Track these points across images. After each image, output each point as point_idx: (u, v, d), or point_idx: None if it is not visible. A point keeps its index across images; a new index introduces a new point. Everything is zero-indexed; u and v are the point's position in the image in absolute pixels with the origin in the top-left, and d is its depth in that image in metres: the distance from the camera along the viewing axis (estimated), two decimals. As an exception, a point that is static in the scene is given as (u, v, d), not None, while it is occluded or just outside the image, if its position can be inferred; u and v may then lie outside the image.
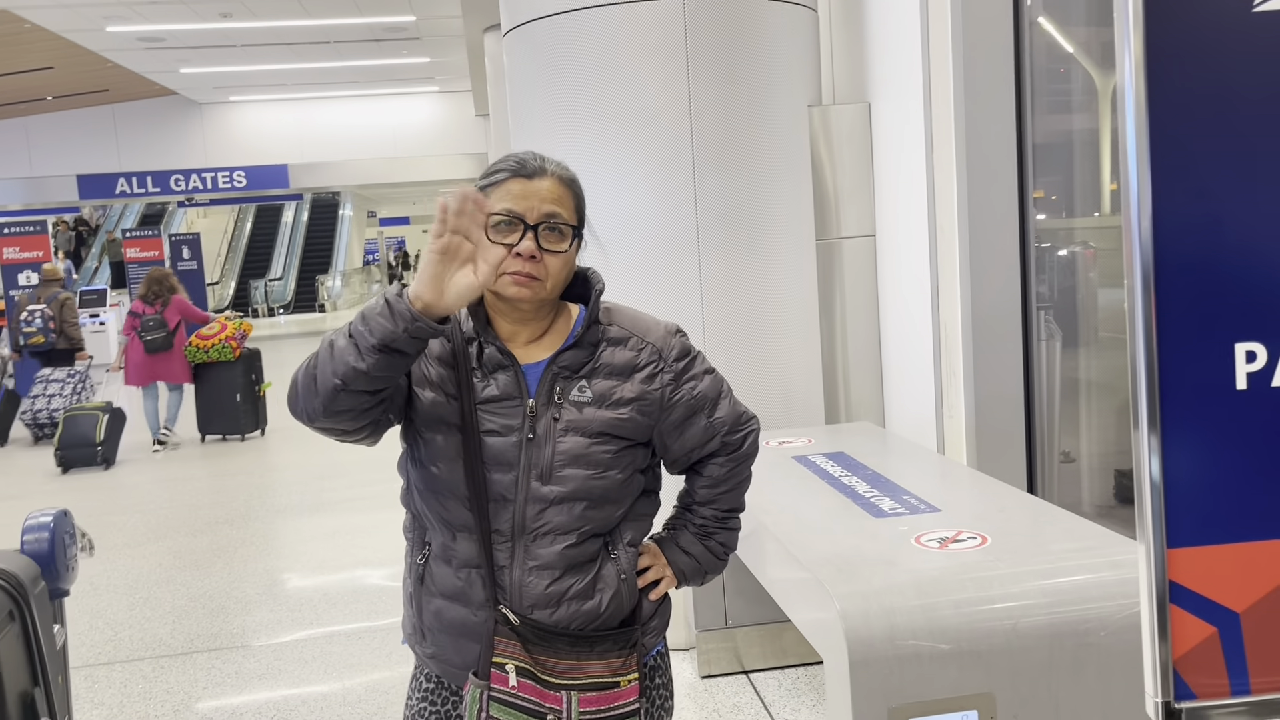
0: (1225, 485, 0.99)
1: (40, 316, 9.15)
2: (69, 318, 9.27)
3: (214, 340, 8.53)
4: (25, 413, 9.14)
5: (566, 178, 1.56)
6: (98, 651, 4.16)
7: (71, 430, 7.86)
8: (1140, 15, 0.96)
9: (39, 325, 9.13)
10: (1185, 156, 0.96)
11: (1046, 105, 3.50)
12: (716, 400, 1.64)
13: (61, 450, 7.85)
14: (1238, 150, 0.95)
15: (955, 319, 3.45)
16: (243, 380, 8.70)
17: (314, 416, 1.43)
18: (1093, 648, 1.92)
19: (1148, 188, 0.97)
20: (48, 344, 9.17)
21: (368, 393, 1.41)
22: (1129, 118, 0.97)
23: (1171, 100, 0.97)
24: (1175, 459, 0.99)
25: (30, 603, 1.20)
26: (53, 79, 16.20)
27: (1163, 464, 0.99)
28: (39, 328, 9.13)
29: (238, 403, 8.66)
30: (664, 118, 3.55)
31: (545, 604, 1.53)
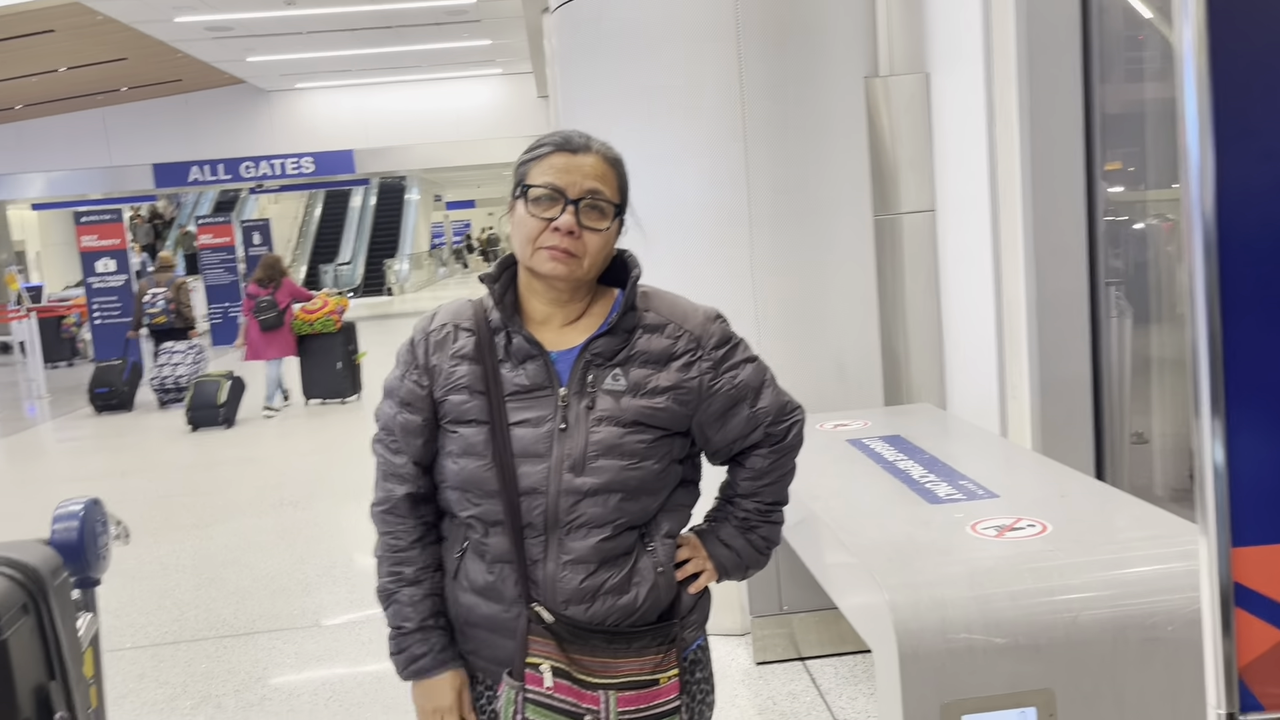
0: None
1: (161, 299, 10.37)
2: (184, 299, 10.50)
3: (318, 314, 9.61)
4: (154, 379, 10.39)
5: (611, 156, 1.51)
6: (164, 631, 4.25)
7: (200, 394, 9.07)
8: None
9: (161, 306, 10.36)
10: (1249, 121, 0.87)
11: (1118, 72, 3.33)
12: (759, 389, 1.57)
13: (191, 411, 9.06)
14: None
15: (1019, 296, 3.32)
16: (342, 350, 9.74)
17: None
18: (1159, 642, 1.82)
19: (1210, 155, 0.88)
20: (168, 323, 10.40)
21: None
22: (1188, 81, 0.89)
23: (1233, 62, 0.88)
24: (1240, 448, 0.90)
25: (48, 594, 1.19)
26: (127, 70, 16.58)
27: (1227, 454, 0.91)
28: (161, 308, 10.36)
29: (338, 369, 9.74)
30: (714, 92, 3.47)
31: (580, 599, 1.47)
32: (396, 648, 1.56)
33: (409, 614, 1.55)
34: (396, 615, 1.56)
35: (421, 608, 1.55)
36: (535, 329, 1.53)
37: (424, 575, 1.57)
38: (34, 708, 1.13)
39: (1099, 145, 3.30)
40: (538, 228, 1.46)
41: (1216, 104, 0.88)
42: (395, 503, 1.57)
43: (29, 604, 1.15)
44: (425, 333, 1.57)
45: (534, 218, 1.46)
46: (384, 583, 1.58)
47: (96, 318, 13.55)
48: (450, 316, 1.57)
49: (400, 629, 1.56)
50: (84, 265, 13.58)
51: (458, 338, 1.54)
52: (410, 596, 1.55)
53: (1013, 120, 3.25)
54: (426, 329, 1.57)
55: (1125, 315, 3.44)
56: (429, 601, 1.56)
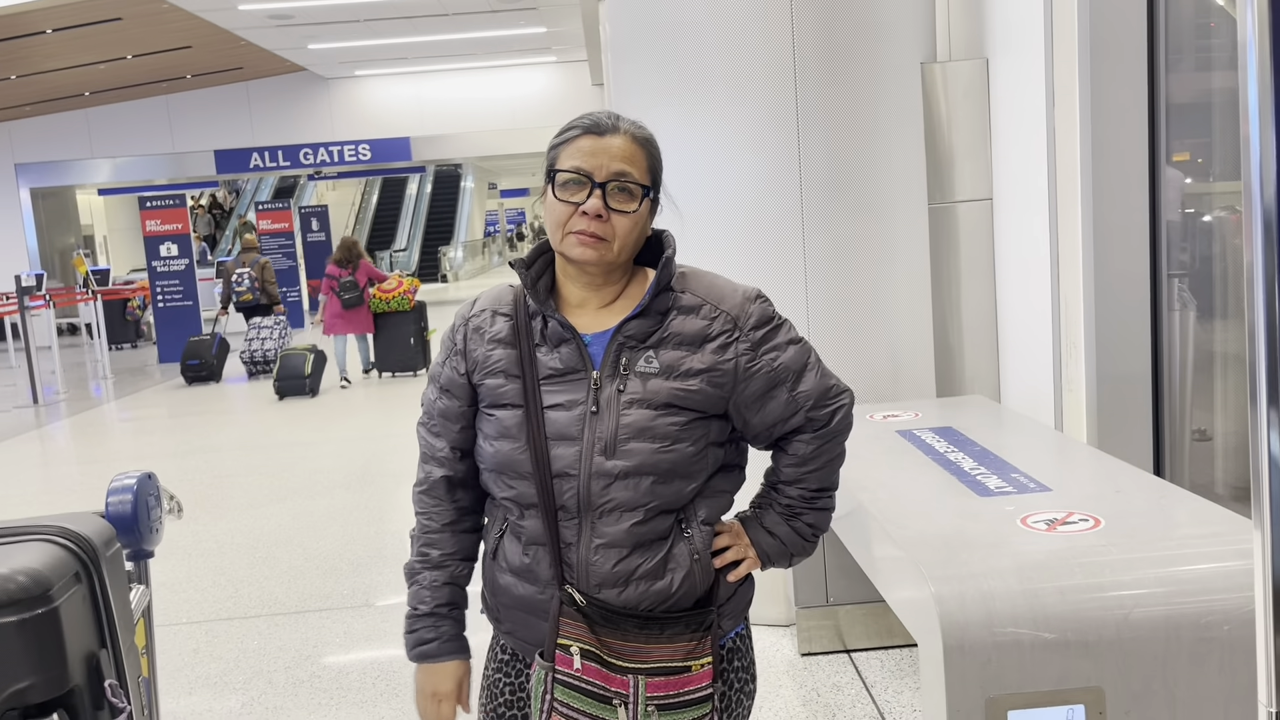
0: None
1: (248, 278, 11.39)
2: (269, 278, 11.53)
3: (394, 293, 10.41)
4: (244, 353, 11.32)
5: (640, 136, 1.49)
6: (219, 607, 4.34)
7: (286, 366, 9.85)
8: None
9: (247, 285, 11.39)
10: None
11: (1185, 59, 3.24)
12: (801, 372, 1.53)
13: (279, 381, 9.84)
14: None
15: (1076, 288, 3.25)
16: (414, 326, 10.59)
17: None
18: (1214, 642, 1.77)
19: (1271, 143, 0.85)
20: (254, 300, 11.42)
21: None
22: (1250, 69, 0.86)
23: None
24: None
25: (100, 564, 1.22)
26: (191, 58, 16.89)
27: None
28: (247, 287, 11.38)
29: (411, 344, 10.59)
30: (767, 78, 3.44)
31: (613, 583, 1.47)
32: (409, 627, 1.60)
33: (425, 597, 1.58)
34: (415, 596, 1.59)
35: (439, 594, 1.58)
36: (571, 312, 1.52)
37: (449, 561, 1.59)
38: (84, 674, 1.16)
39: (1163, 133, 3.21)
40: (566, 212, 1.45)
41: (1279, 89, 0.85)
42: (433, 484, 1.59)
43: (81, 573, 1.18)
44: (465, 319, 1.58)
45: (562, 202, 1.45)
46: (411, 561, 1.61)
47: (160, 301, 13.86)
48: (489, 303, 1.58)
49: (416, 610, 1.59)
50: (148, 249, 13.91)
51: (495, 323, 1.54)
52: (431, 580, 1.58)
53: (1074, 107, 3.18)
54: (467, 315, 1.58)
55: (1188, 308, 3.35)
56: (447, 589, 1.59)
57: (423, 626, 1.58)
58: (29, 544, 1.16)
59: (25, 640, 1.10)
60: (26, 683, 1.11)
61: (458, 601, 1.61)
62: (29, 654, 1.10)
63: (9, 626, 1.09)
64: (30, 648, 1.10)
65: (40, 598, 1.11)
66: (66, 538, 1.18)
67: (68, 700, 1.15)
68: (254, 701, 3.44)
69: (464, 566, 1.61)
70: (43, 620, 1.10)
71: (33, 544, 1.16)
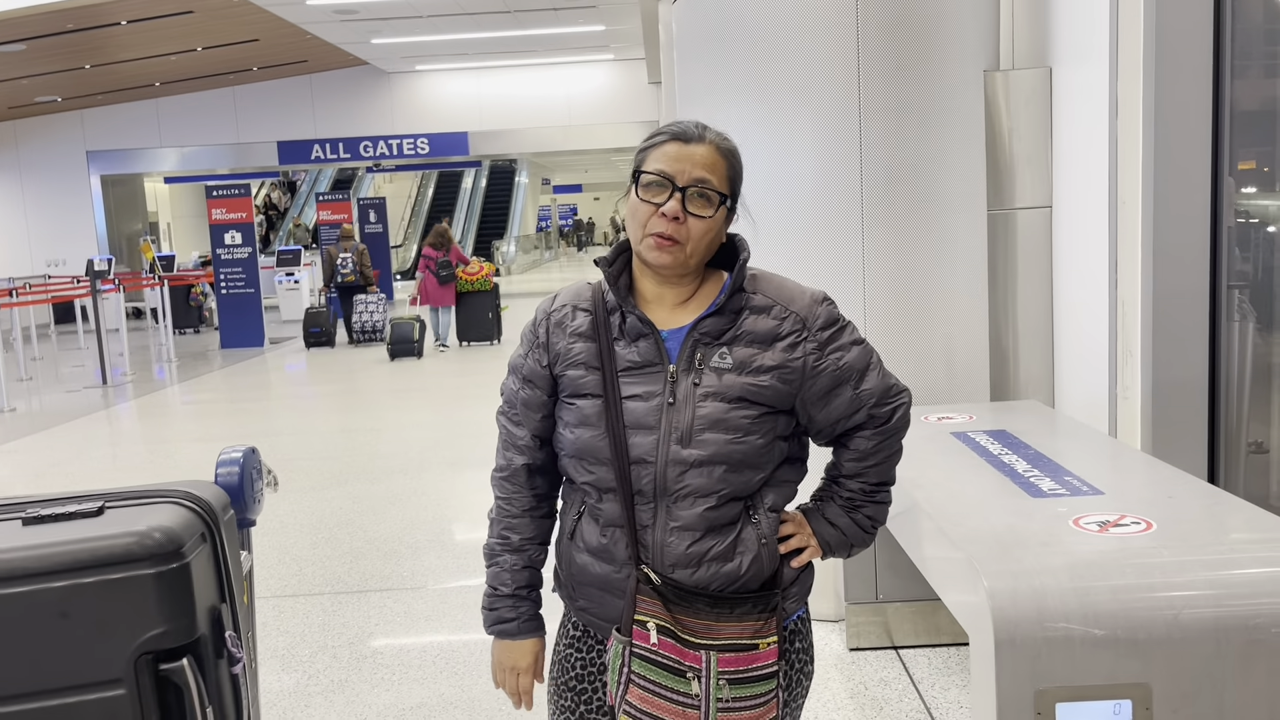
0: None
1: (350, 262, 13.35)
2: (366, 262, 13.56)
3: (477, 276, 12.57)
4: (356, 324, 13.48)
5: (725, 147, 1.58)
6: (284, 584, 4.51)
7: (398, 333, 12.02)
8: None
9: (351, 267, 13.38)
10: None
11: (1252, 69, 3.25)
12: (864, 371, 1.62)
13: (392, 345, 12.01)
14: None
15: (1135, 297, 3.28)
16: (492, 303, 12.77)
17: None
18: (1263, 645, 1.82)
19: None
20: (356, 281, 13.47)
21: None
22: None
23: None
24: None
25: (220, 528, 1.33)
26: (258, 50, 17.28)
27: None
28: (351, 269, 13.38)
29: (489, 318, 12.77)
30: (831, 82, 3.50)
31: (686, 564, 1.56)
32: (489, 604, 1.70)
33: (506, 579, 1.68)
34: (495, 578, 1.69)
35: (519, 576, 1.68)
36: (647, 308, 1.61)
37: (528, 545, 1.69)
38: (209, 625, 1.27)
39: (1226, 144, 3.23)
40: (647, 212, 1.54)
41: None
42: (514, 471, 1.69)
43: (206, 533, 1.29)
44: (546, 313, 1.67)
45: (644, 203, 1.54)
46: (491, 543, 1.71)
47: (223, 288, 14.20)
48: (570, 298, 1.67)
49: (496, 591, 1.69)
50: (213, 237, 14.26)
51: (575, 317, 1.63)
52: (511, 564, 1.68)
53: (1137, 117, 3.21)
54: (548, 310, 1.67)
55: (1248, 319, 3.36)
56: (527, 573, 1.69)
57: (503, 606, 1.69)
58: (161, 505, 1.29)
59: (161, 591, 1.22)
60: (161, 629, 1.23)
61: (535, 584, 1.72)
62: (164, 603, 1.22)
63: (147, 578, 1.21)
64: (165, 598, 1.22)
65: (174, 553, 1.23)
66: (194, 501, 1.30)
67: (195, 648, 1.27)
68: (320, 674, 3.58)
69: (541, 551, 1.72)
70: (176, 574, 1.22)
71: (164, 505, 1.29)
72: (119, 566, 1.20)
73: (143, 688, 1.25)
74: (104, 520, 1.27)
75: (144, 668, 1.25)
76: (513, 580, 1.68)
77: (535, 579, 1.72)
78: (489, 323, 12.79)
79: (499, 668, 1.72)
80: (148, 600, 1.22)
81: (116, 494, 1.32)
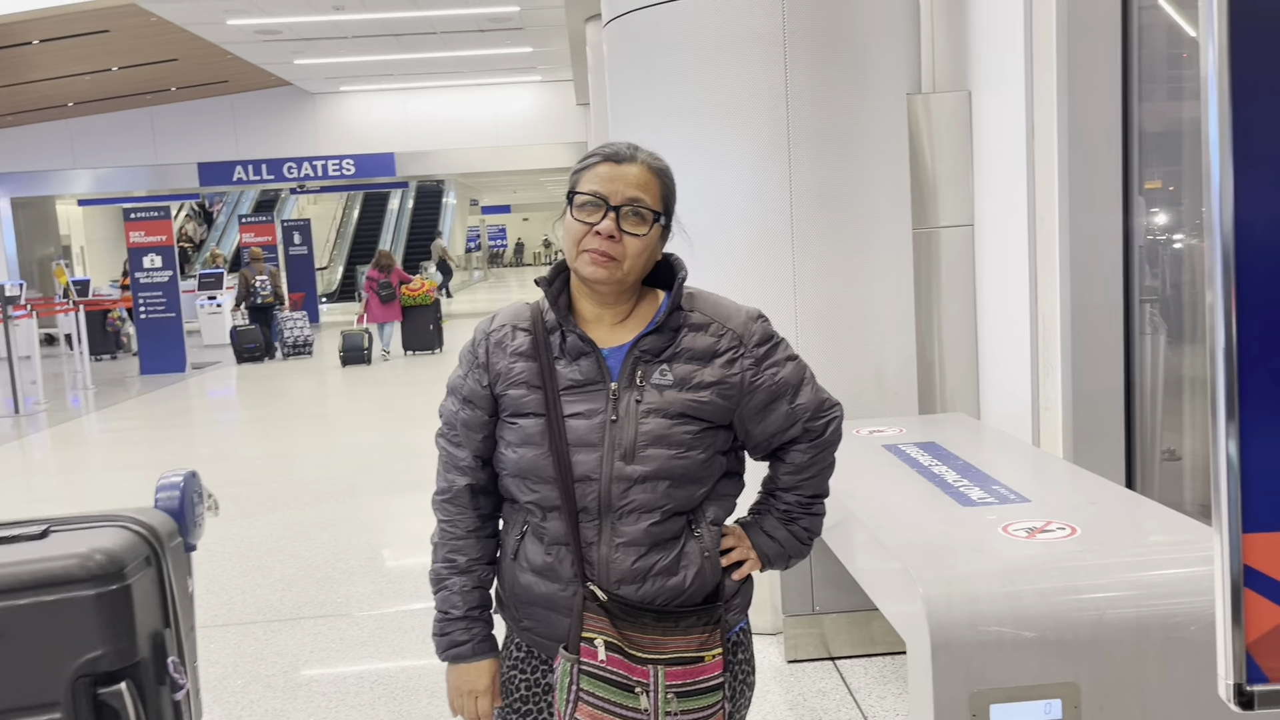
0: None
1: (268, 284, 14.55)
2: (279, 282, 14.92)
3: (419, 292, 14.04)
4: (289, 339, 14.52)
5: (657, 167, 1.62)
6: (213, 614, 4.41)
7: (349, 342, 13.50)
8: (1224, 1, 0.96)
9: (270, 289, 14.54)
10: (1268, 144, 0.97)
11: (1159, 92, 3.41)
12: (799, 386, 1.66)
13: (343, 353, 13.47)
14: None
15: (1054, 311, 3.40)
16: (433, 317, 14.26)
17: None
18: (1182, 642, 1.90)
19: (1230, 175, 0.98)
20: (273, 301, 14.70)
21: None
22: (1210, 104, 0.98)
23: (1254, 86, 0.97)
24: (1252, 445, 1.00)
25: (165, 552, 1.32)
26: (177, 70, 16.94)
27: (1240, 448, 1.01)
28: (270, 290, 14.53)
29: (430, 330, 14.27)
30: (760, 105, 3.58)
31: (631, 579, 1.58)
32: (440, 630, 1.69)
33: (456, 601, 1.67)
34: (445, 601, 1.68)
35: (469, 598, 1.67)
36: (587, 327, 1.63)
37: (475, 566, 1.69)
38: (150, 650, 1.25)
39: (1136, 164, 3.38)
40: (582, 231, 1.56)
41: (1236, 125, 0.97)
42: (456, 493, 1.68)
43: (150, 557, 1.28)
44: (486, 334, 1.68)
45: (579, 222, 1.57)
46: (437, 568, 1.70)
47: (142, 312, 13.84)
48: (509, 318, 1.68)
49: (448, 615, 1.68)
50: (131, 260, 13.89)
51: (515, 337, 1.64)
52: (460, 585, 1.67)
53: (1052, 138, 3.34)
54: (487, 330, 1.69)
55: (1159, 332, 3.51)
56: (476, 593, 1.69)
57: (455, 629, 1.68)
58: (106, 529, 1.27)
59: (101, 613, 1.20)
60: (99, 651, 1.21)
61: (486, 604, 1.71)
62: (103, 626, 1.21)
63: (87, 600, 1.19)
64: (105, 620, 1.20)
65: (116, 574, 1.21)
66: (139, 526, 1.28)
67: (135, 672, 1.25)
68: (253, 705, 3.51)
69: (488, 571, 1.71)
70: (117, 595, 1.21)
71: (109, 529, 1.27)
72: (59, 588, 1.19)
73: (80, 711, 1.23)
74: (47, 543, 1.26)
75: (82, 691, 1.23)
76: (464, 602, 1.67)
77: (485, 599, 1.71)
78: (431, 334, 14.35)
79: (456, 693, 1.71)
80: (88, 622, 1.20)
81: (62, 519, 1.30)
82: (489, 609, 1.72)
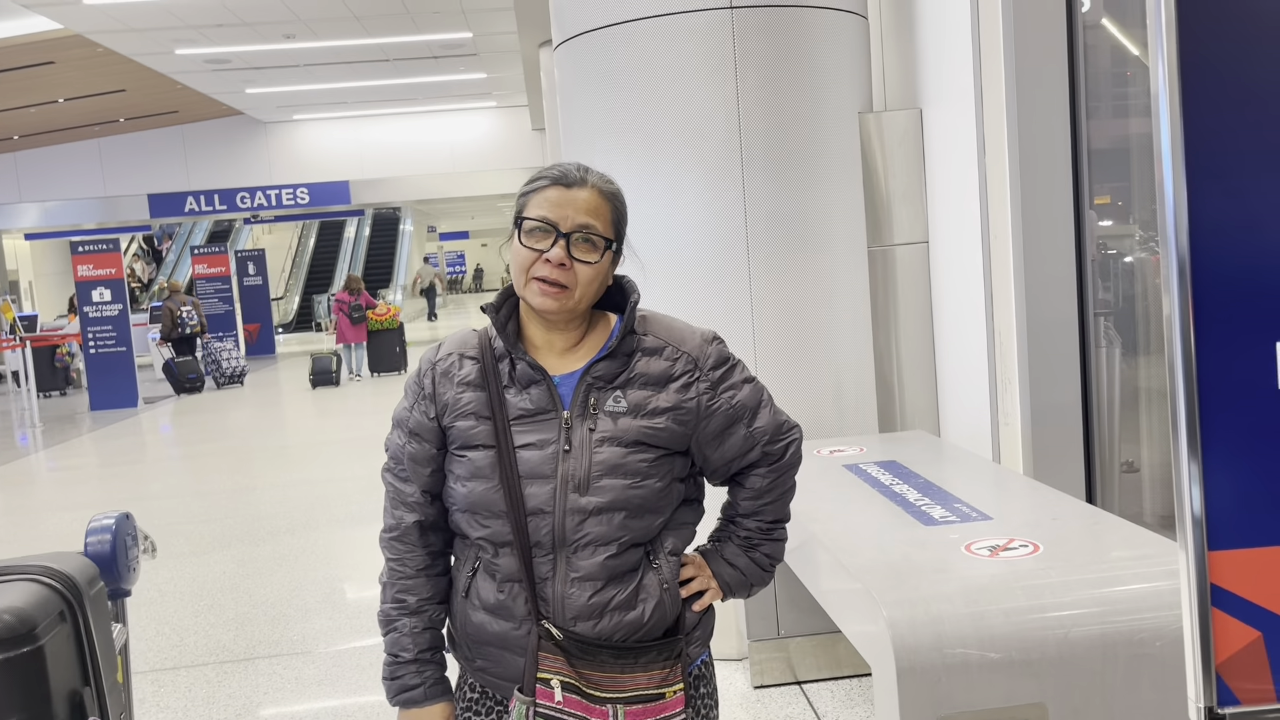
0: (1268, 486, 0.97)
1: (195, 314, 14.91)
2: (201, 313, 15.28)
3: (386, 316, 14.85)
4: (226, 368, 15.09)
5: (607, 191, 1.55)
6: (163, 656, 4.27)
7: (319, 365, 14.15)
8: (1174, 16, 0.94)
9: (196, 319, 14.86)
10: (1220, 157, 0.94)
11: (1106, 109, 3.44)
12: (756, 409, 1.61)
13: (313, 375, 14.09)
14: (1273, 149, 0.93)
15: (1010, 326, 3.41)
16: (399, 339, 15.12)
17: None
18: (1148, 658, 1.88)
19: (1183, 190, 0.96)
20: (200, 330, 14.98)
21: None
22: (1163, 119, 0.96)
23: (1205, 101, 0.95)
24: (1216, 461, 0.97)
25: (84, 603, 1.24)
26: (125, 101, 16.71)
27: (1202, 466, 0.98)
28: (196, 320, 14.85)
29: (397, 352, 15.10)
30: (712, 127, 3.56)
31: (588, 615, 1.51)
32: (390, 674, 1.61)
33: (407, 644, 1.59)
34: (395, 644, 1.60)
35: (420, 640, 1.60)
36: (537, 354, 1.57)
37: (426, 606, 1.61)
38: (68, 712, 1.17)
39: (1086, 179, 3.40)
40: (530, 258, 1.50)
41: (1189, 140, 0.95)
42: (405, 530, 1.61)
43: (66, 611, 1.20)
44: (431, 364, 1.61)
45: (527, 249, 1.50)
46: (387, 609, 1.62)
47: (91, 347, 13.55)
48: (455, 346, 1.61)
49: (398, 658, 1.60)
50: (80, 295, 13.61)
51: (463, 366, 1.58)
52: (410, 626, 1.59)
53: (1002, 154, 3.35)
54: (433, 359, 1.61)
55: (1114, 345, 3.52)
56: (428, 634, 1.61)
57: (406, 673, 1.60)
58: (15, 584, 1.18)
59: (10, 679, 1.11)
60: (12, 719, 1.12)
61: (438, 645, 1.63)
62: (14, 693, 1.11)
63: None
64: (15, 686, 1.11)
65: (26, 636, 1.13)
66: (52, 577, 1.20)
67: (53, 737, 1.17)
68: (204, 751, 3.39)
69: (440, 610, 1.64)
70: (28, 659, 1.12)
71: (18, 584, 1.18)
72: (-37, 653, 1.09)
73: (-7, 783, 1.14)
74: (-48, 601, 1.17)
75: (-7, 762, 1.14)
76: (414, 644, 1.60)
77: (437, 640, 1.64)
78: (397, 356, 15.16)
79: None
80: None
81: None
82: (441, 650, 1.64)
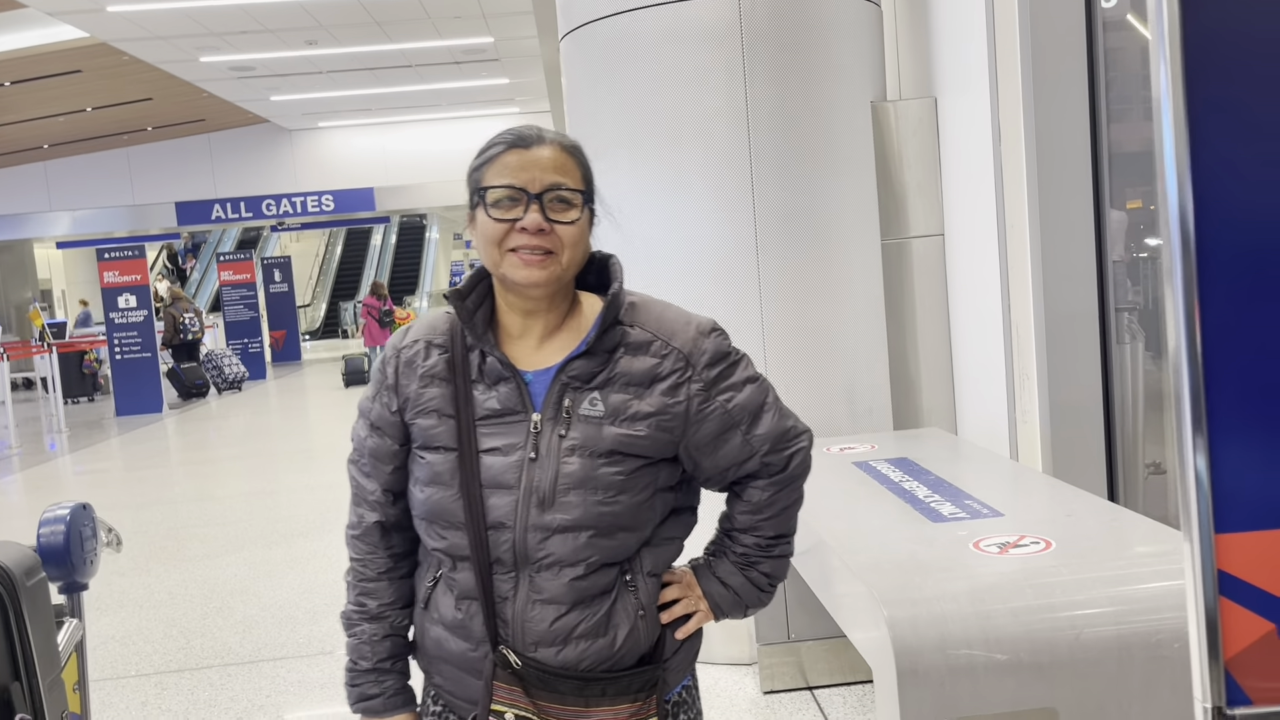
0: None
1: (197, 321, 15.27)
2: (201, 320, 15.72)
3: (406, 320, 15.35)
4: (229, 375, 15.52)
5: (568, 145, 1.40)
6: (169, 659, 4.23)
7: (351, 365, 15.20)
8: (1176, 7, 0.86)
9: (197, 326, 15.21)
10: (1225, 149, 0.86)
11: (1126, 96, 3.32)
12: (757, 413, 1.43)
13: (346, 375, 15.14)
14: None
15: (1028, 320, 3.29)
16: None
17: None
18: (1166, 661, 1.77)
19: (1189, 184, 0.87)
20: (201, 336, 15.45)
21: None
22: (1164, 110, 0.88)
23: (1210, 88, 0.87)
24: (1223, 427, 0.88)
25: (18, 595, 1.17)
26: (152, 110, 16.86)
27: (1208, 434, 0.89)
28: (198, 327, 15.20)
29: None
30: (721, 118, 3.48)
31: (550, 641, 1.36)
32: (351, 680, 1.50)
33: (366, 652, 1.49)
34: (355, 650, 1.50)
35: (379, 648, 1.49)
36: (511, 345, 1.42)
37: (387, 611, 1.50)
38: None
39: (1106, 167, 3.28)
40: (502, 230, 1.34)
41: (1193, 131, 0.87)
42: (366, 529, 1.49)
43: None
44: (396, 350, 1.46)
45: (497, 221, 1.34)
46: (349, 610, 1.51)
47: (117, 353, 13.66)
48: (423, 332, 1.46)
49: (357, 665, 1.49)
50: (105, 301, 13.73)
51: (429, 355, 1.43)
52: (370, 634, 1.49)
53: (1019, 144, 3.24)
54: (399, 346, 1.47)
55: (1137, 340, 3.40)
56: (388, 642, 1.50)
57: (365, 682, 1.49)
58: (-57, 571, 1.12)
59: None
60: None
61: (399, 653, 1.52)
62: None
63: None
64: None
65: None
66: (-16, 565, 1.14)
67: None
68: (203, 754, 3.34)
69: (403, 615, 1.52)
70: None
71: (-53, 571, 1.12)
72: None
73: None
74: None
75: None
76: (373, 652, 1.48)
77: (399, 648, 1.52)
78: None
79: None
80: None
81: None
82: (404, 658, 1.52)
